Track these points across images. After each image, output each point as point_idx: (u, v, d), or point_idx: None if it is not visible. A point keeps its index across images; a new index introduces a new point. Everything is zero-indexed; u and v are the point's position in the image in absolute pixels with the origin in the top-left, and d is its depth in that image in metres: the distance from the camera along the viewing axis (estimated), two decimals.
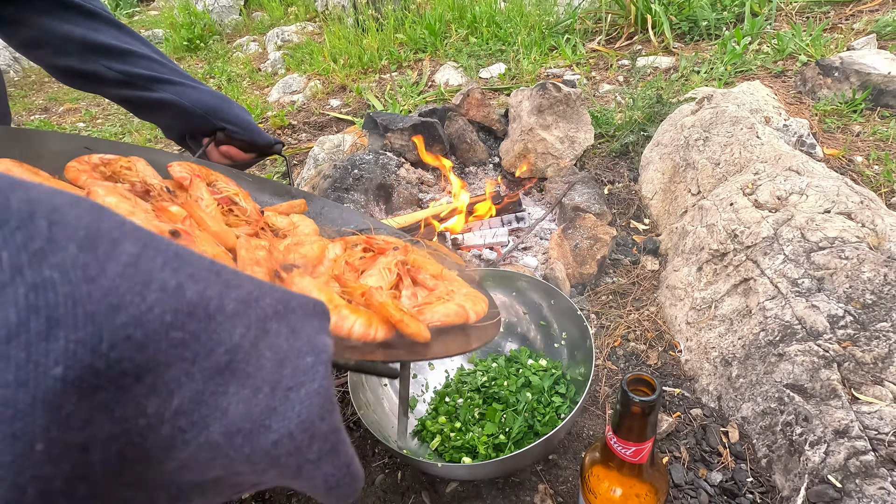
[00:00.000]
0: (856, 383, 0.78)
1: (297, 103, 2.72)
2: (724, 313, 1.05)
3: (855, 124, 1.67)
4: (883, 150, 1.51)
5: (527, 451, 0.74)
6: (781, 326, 0.90)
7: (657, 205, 1.50)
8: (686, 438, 0.90)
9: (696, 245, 1.20)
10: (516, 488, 0.87)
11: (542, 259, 1.38)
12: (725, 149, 1.34)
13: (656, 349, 1.12)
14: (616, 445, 0.56)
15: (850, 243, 0.94)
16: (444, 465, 0.77)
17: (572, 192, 1.52)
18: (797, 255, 0.97)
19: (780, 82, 2.04)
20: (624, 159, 1.77)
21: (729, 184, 1.25)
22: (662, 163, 1.53)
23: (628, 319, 1.20)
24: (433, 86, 2.63)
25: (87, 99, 3.39)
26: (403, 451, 0.79)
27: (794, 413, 0.80)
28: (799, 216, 1.04)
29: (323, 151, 1.91)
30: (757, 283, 1.00)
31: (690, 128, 1.49)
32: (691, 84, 2.09)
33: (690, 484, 0.82)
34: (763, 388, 0.88)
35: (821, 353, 0.83)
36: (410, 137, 1.73)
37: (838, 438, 0.73)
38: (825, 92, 1.82)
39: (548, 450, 0.88)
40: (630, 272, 1.33)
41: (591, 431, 0.96)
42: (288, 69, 3.30)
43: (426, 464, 0.78)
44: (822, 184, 1.10)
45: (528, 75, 2.47)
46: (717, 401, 0.96)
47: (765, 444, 0.84)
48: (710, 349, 1.03)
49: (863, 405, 0.75)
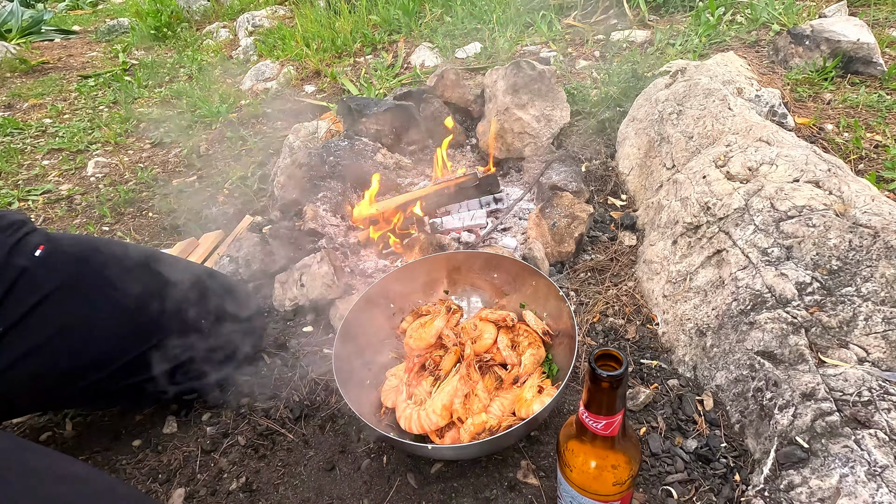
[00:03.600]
0: (822, 347, 0.80)
1: (271, 90, 2.67)
2: (699, 285, 1.07)
3: (826, 92, 1.69)
4: (852, 118, 1.53)
5: (512, 432, 0.76)
6: (752, 295, 0.92)
7: (634, 180, 1.51)
8: (663, 409, 0.93)
9: (671, 219, 1.21)
10: (499, 465, 0.89)
11: (521, 239, 1.39)
12: (698, 121, 1.35)
13: (634, 323, 1.14)
14: (587, 420, 0.57)
15: (817, 211, 0.95)
16: (433, 447, 0.79)
17: (550, 170, 1.52)
18: (767, 225, 0.99)
19: (753, 52, 2.04)
20: (600, 136, 1.77)
21: (702, 156, 1.26)
22: (638, 138, 1.54)
23: (607, 295, 1.21)
24: (409, 68, 2.59)
25: (52, 94, 3.28)
26: (391, 435, 0.80)
27: (765, 379, 0.83)
28: (769, 186, 1.05)
29: (298, 139, 1.88)
30: (729, 255, 1.01)
31: (664, 101, 1.49)
32: (667, 57, 2.08)
33: (667, 452, 0.85)
34: (735, 356, 0.90)
35: (789, 319, 0.85)
36: (386, 121, 1.71)
37: (805, 401, 0.75)
38: (797, 61, 1.83)
39: (531, 428, 0.90)
40: (608, 248, 1.34)
41: (572, 407, 0.98)
42: (260, 55, 3.23)
43: (415, 446, 0.80)
44: (792, 153, 1.11)
45: (505, 54, 2.45)
46: (693, 371, 0.99)
47: (737, 411, 0.87)
48: (686, 321, 1.05)
49: (829, 368, 0.77)
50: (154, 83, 3.19)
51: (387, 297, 1.11)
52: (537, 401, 0.87)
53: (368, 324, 1.05)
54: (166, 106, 2.81)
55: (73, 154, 2.43)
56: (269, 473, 0.94)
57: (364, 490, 0.89)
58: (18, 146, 2.55)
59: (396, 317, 1.12)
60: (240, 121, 2.41)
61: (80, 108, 2.99)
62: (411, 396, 0.91)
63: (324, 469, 0.93)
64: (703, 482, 0.80)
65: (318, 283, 1.24)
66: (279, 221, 1.46)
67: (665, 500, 0.80)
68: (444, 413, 0.86)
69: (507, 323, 1.02)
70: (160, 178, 2.10)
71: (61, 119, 2.87)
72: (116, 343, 0.90)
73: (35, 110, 3.04)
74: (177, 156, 2.27)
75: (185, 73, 3.28)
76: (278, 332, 1.24)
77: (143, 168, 2.19)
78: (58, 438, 1.06)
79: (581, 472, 0.62)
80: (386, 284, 1.09)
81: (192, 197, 1.94)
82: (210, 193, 1.94)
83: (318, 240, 1.41)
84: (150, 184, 2.06)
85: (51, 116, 2.91)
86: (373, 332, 1.06)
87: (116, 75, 3.35)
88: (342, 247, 1.40)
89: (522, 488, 0.85)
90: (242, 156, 2.15)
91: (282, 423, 1.03)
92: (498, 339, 1.01)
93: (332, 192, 1.52)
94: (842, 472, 0.67)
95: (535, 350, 0.97)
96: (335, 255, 1.31)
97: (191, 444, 1.02)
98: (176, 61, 3.47)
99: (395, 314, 1.12)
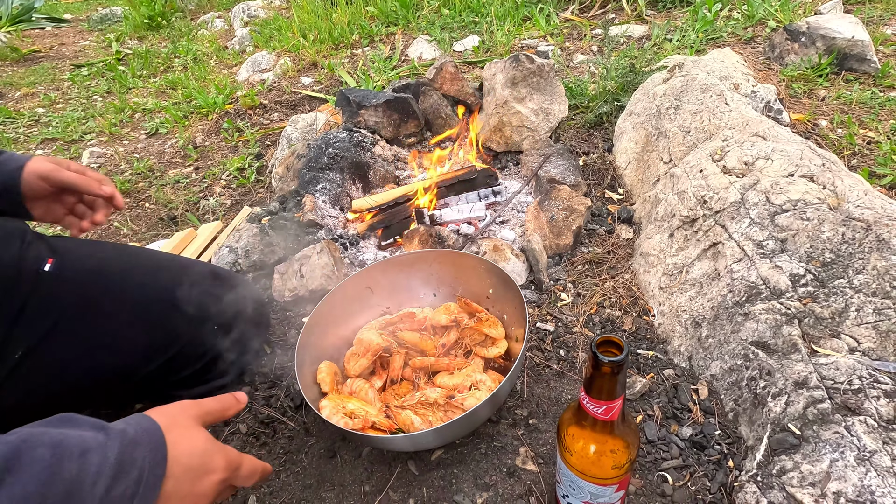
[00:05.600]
0: (815, 337, 0.82)
1: (267, 82, 2.65)
2: (695, 277, 1.08)
3: (820, 89, 1.71)
4: (846, 114, 1.55)
5: (464, 418, 0.76)
6: (747, 287, 0.94)
7: (631, 174, 1.52)
8: (659, 398, 0.95)
9: (668, 212, 1.23)
10: (499, 452, 0.90)
11: (519, 232, 1.40)
12: (695, 116, 1.37)
13: (631, 315, 1.16)
14: (588, 404, 0.58)
15: (811, 205, 0.97)
16: (383, 437, 0.81)
17: (548, 164, 1.53)
18: (762, 219, 1.00)
19: (749, 48, 2.06)
20: (598, 130, 1.78)
21: (699, 151, 1.27)
22: (636, 132, 1.55)
23: (604, 287, 1.23)
24: (406, 60, 2.59)
25: (44, 83, 3.25)
26: (340, 425, 0.81)
27: (759, 368, 0.85)
28: (764, 180, 1.07)
29: (296, 131, 1.88)
30: (725, 247, 1.03)
31: (662, 96, 1.50)
32: (664, 52, 2.10)
33: (663, 440, 0.87)
34: (730, 346, 0.92)
35: (783, 310, 0.87)
36: (384, 113, 1.71)
37: (798, 389, 0.77)
38: (792, 57, 1.85)
39: (491, 411, 0.90)
40: (605, 241, 1.36)
41: (570, 395, 1.00)
42: (256, 46, 3.21)
43: (363, 436, 0.81)
44: (787, 148, 1.13)
45: (502, 47, 2.45)
46: (688, 360, 1.01)
47: (731, 399, 0.89)
48: (682, 312, 1.06)
49: (821, 357, 0.79)
50: (148, 73, 3.17)
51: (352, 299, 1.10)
52: (472, 396, 0.87)
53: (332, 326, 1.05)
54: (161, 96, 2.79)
55: (67, 144, 2.42)
56: (270, 460, 0.95)
57: (365, 477, 0.90)
58: (11, 135, 2.53)
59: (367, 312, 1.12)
60: (236, 112, 2.40)
61: (73, 98, 2.96)
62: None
63: (325, 456, 0.94)
64: (697, 468, 0.82)
65: (318, 274, 1.25)
66: (278, 212, 1.47)
67: (661, 485, 0.82)
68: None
69: (462, 324, 1.00)
70: (156, 169, 2.10)
71: (54, 108, 2.84)
72: (138, 356, 0.88)
73: (27, 99, 3.01)
74: (173, 147, 2.26)
75: (179, 63, 3.25)
76: (278, 322, 1.25)
77: (139, 159, 2.18)
78: None
79: (581, 457, 0.64)
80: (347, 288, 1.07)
81: (190, 188, 1.94)
82: (207, 184, 1.94)
83: (317, 231, 1.41)
84: (146, 174, 2.06)
85: (44, 106, 2.88)
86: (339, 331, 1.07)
87: (110, 65, 3.32)
88: (342, 238, 1.40)
89: (521, 474, 0.86)
90: (239, 147, 2.15)
91: (283, 411, 1.04)
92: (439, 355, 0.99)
93: (332, 184, 1.52)
94: (832, 458, 0.69)
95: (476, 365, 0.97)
96: (335, 246, 1.31)
97: None
98: (170, 51, 3.44)
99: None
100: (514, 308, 1.00)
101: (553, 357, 1.08)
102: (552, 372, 1.05)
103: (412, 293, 1.15)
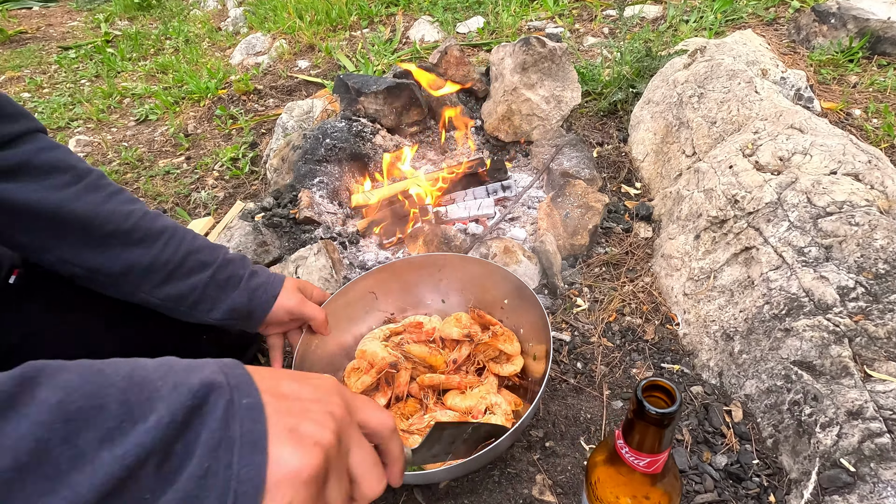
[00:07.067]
0: (868, 359, 0.74)
1: (262, 65, 2.53)
2: (724, 284, 1.00)
3: (851, 74, 1.60)
4: (881, 102, 1.45)
5: (481, 455, 0.68)
6: (787, 299, 0.85)
7: (649, 167, 1.43)
8: (688, 419, 0.87)
9: (693, 211, 1.13)
10: (513, 480, 0.82)
11: (530, 230, 1.31)
12: (722, 106, 1.26)
13: (653, 323, 1.07)
14: (627, 455, 0.50)
15: (859, 207, 0.88)
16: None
17: (560, 156, 1.43)
18: (803, 222, 0.91)
19: (772, 31, 1.94)
20: (613, 118, 1.68)
21: (727, 144, 1.17)
22: (654, 122, 1.45)
23: (623, 292, 1.14)
24: (408, 43, 2.47)
25: (31, 66, 3.12)
26: None
27: (803, 392, 0.76)
28: (804, 179, 0.97)
29: (292, 119, 1.77)
30: (760, 253, 0.94)
31: (684, 83, 1.40)
32: (681, 35, 1.98)
33: (695, 469, 0.79)
34: (768, 364, 0.84)
35: (830, 327, 0.78)
36: (385, 101, 1.61)
37: (851, 420, 0.69)
38: (820, 40, 1.73)
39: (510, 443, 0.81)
40: (623, 241, 1.26)
41: (589, 415, 0.91)
42: (251, 27, 3.07)
43: None
44: (827, 142, 1.03)
45: (508, 29, 2.32)
46: (719, 377, 0.92)
47: (770, 424, 0.80)
48: (710, 322, 0.98)
49: (877, 383, 0.71)
50: (138, 56, 3.03)
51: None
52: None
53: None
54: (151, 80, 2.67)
55: (53, 131, 2.30)
56: None
57: None
58: None
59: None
60: (230, 97, 2.29)
61: (60, 82, 2.84)
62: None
63: None
64: (735, 503, 0.74)
65: (315, 277, 1.16)
66: (272, 208, 1.37)
67: None
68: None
69: (475, 339, 0.91)
70: (145, 159, 1.99)
71: (40, 93, 2.72)
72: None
73: (12, 83, 2.88)
74: (163, 134, 2.15)
75: (170, 45, 3.11)
76: None
77: (128, 147, 2.07)
78: None
79: None
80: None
81: (180, 179, 1.84)
82: (199, 176, 1.84)
83: (314, 228, 1.32)
84: (134, 164, 1.95)
85: (29, 90, 2.76)
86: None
87: (98, 47, 3.19)
88: (340, 236, 1.31)
89: None
90: (233, 135, 2.04)
91: None
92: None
93: (330, 178, 1.43)
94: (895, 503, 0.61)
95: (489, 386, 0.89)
96: (333, 247, 1.22)
97: None
98: (161, 32, 3.30)
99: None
100: (531, 321, 0.91)
101: (570, 370, 0.99)
102: (569, 387, 0.97)
103: (419, 299, 1.06)
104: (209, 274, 0.77)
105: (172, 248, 0.75)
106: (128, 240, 0.72)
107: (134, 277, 0.73)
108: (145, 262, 0.73)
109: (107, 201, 0.72)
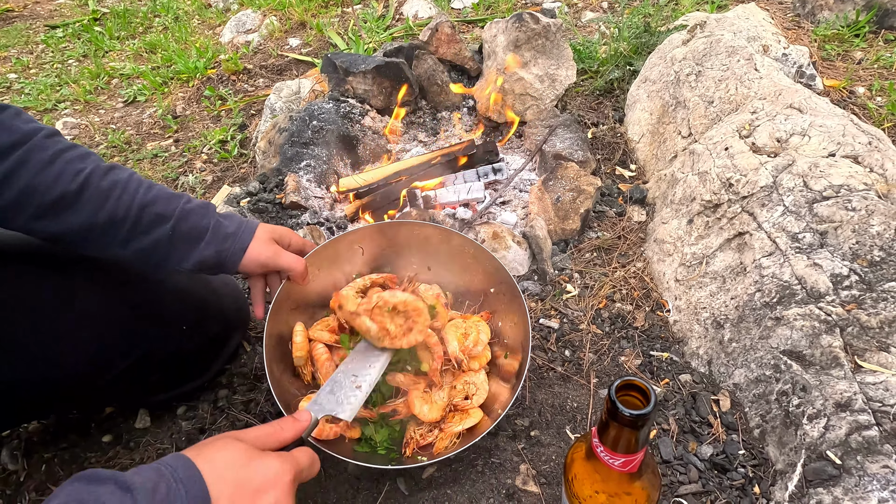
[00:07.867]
0: (859, 350, 0.72)
1: (252, 44, 2.46)
2: (717, 270, 0.97)
3: (857, 50, 1.55)
4: (887, 80, 1.40)
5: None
6: (779, 287, 0.83)
7: (644, 149, 1.39)
8: (675, 408, 0.85)
9: (687, 195, 1.10)
10: (497, 470, 0.82)
11: (521, 214, 1.28)
12: (720, 84, 1.22)
13: (643, 309, 1.05)
14: (603, 455, 0.48)
15: (857, 192, 0.85)
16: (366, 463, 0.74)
17: (553, 137, 1.39)
18: (798, 207, 0.88)
19: (776, 4, 1.87)
20: (608, 98, 1.63)
21: (723, 125, 1.14)
22: (650, 101, 1.41)
23: (614, 278, 1.12)
24: (401, 19, 2.40)
25: (17, 46, 3.05)
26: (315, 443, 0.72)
27: (791, 382, 0.75)
28: (801, 161, 0.94)
29: (280, 100, 1.73)
30: (753, 238, 0.92)
31: (682, 61, 1.35)
32: (682, 9, 1.91)
33: (679, 459, 0.78)
34: (757, 353, 0.82)
35: (822, 317, 0.76)
36: (374, 80, 1.56)
37: (839, 412, 0.68)
38: (826, 14, 1.67)
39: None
40: (615, 225, 1.24)
41: (575, 403, 0.90)
42: (241, 4, 2.98)
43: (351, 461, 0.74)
44: (827, 123, 0.99)
45: (504, 4, 2.25)
46: (708, 365, 0.91)
47: (758, 414, 0.79)
48: (701, 309, 0.96)
49: (867, 374, 0.69)
50: (126, 34, 2.96)
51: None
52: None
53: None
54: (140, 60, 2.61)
55: (39, 114, 2.26)
56: None
57: (351, 495, 0.82)
58: None
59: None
60: (219, 77, 2.24)
61: (47, 63, 2.78)
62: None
63: None
64: (719, 494, 0.74)
65: None
66: (258, 193, 1.34)
67: None
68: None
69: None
70: (133, 142, 1.96)
71: (27, 74, 2.66)
72: (89, 364, 0.79)
73: None
74: (151, 116, 2.10)
75: (159, 23, 3.04)
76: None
77: (116, 130, 2.03)
78: (21, 434, 0.99)
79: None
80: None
81: (168, 162, 1.80)
82: (187, 159, 1.81)
83: (301, 214, 1.29)
84: (122, 148, 1.92)
85: (16, 71, 2.70)
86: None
87: (86, 25, 3.11)
88: (328, 221, 1.29)
89: (522, 497, 0.78)
90: (222, 116, 2.00)
91: (263, 418, 0.95)
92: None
93: (317, 161, 1.39)
94: (881, 496, 0.60)
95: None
96: (319, 233, 1.20)
97: (165, 440, 0.95)
98: (150, 9, 3.21)
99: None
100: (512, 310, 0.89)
101: (557, 358, 0.98)
102: (556, 375, 0.95)
103: (407, 261, 1.02)
104: (169, 227, 0.74)
105: (126, 203, 0.71)
106: (77, 202, 0.69)
107: (95, 237, 0.71)
108: (101, 221, 0.70)
109: (51, 164, 0.69)
